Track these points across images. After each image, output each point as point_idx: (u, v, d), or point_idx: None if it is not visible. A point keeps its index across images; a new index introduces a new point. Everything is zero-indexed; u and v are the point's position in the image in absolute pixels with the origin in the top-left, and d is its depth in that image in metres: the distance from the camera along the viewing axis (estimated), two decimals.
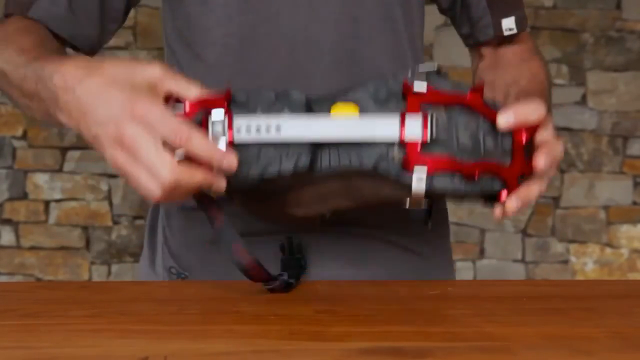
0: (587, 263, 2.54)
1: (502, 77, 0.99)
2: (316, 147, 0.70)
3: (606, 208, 2.54)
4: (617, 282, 1.32)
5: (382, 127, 0.69)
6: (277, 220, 0.80)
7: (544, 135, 0.72)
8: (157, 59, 2.41)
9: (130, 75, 0.67)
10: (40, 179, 2.45)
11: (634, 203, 2.55)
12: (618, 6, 2.51)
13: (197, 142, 0.65)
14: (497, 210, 0.72)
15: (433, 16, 1.29)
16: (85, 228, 2.47)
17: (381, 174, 0.70)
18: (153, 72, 0.68)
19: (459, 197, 0.72)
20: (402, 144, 0.69)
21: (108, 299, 0.78)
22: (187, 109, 0.68)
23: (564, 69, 2.64)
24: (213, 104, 0.68)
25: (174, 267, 0.99)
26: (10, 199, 2.45)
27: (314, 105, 0.72)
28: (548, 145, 0.72)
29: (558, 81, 2.62)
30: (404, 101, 0.70)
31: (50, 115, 0.74)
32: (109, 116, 0.65)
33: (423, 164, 0.69)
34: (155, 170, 0.64)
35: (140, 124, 0.64)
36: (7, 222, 2.45)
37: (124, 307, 0.74)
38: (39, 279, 2.46)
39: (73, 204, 2.45)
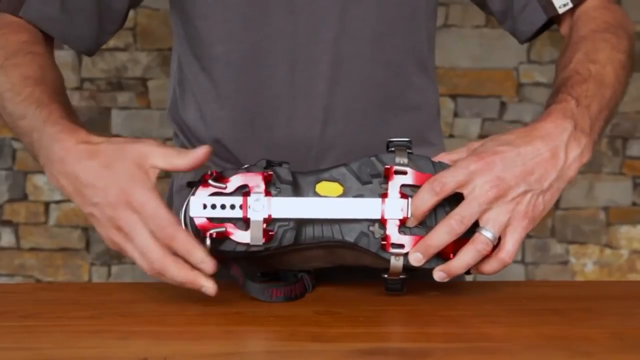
0: (586, 264, 2.54)
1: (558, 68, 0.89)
2: (301, 222, 0.74)
3: (606, 209, 2.54)
4: (617, 283, 1.32)
5: (364, 208, 0.73)
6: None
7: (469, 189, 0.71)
8: (157, 59, 2.41)
9: (121, 156, 0.71)
10: (40, 180, 2.45)
11: (634, 204, 2.55)
12: None
13: (179, 243, 0.69)
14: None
15: None
16: (85, 229, 2.46)
17: (362, 248, 0.74)
18: (141, 149, 0.71)
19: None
20: (383, 223, 0.73)
21: (108, 300, 0.78)
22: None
23: None
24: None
25: None
26: (10, 200, 2.45)
27: (300, 180, 0.74)
28: (474, 241, 0.72)
29: None
30: (386, 181, 0.74)
31: (35, 157, 0.78)
32: (106, 200, 0.70)
33: (401, 242, 0.73)
34: (147, 255, 0.70)
35: (135, 213, 0.69)
36: (7, 223, 2.45)
37: (124, 308, 0.74)
38: (38, 280, 2.46)
39: (73, 205, 2.44)
